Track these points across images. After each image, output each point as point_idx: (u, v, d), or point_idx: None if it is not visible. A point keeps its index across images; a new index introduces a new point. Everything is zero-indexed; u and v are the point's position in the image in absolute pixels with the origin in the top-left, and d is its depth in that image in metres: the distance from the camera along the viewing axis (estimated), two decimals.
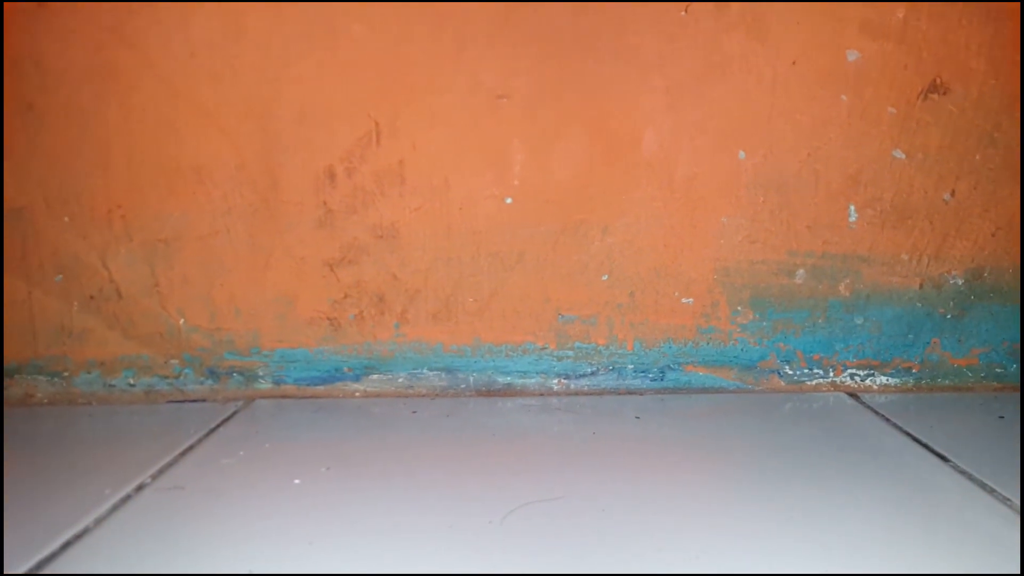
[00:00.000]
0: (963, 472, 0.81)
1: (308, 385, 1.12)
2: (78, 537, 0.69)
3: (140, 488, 0.79)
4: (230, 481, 0.81)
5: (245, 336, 1.10)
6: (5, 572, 0.64)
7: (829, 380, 1.11)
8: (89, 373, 1.11)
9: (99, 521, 0.72)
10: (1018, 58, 1.02)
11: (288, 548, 0.66)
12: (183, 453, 0.89)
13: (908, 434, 0.92)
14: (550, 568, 0.63)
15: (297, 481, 0.80)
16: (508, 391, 1.11)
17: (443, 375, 1.11)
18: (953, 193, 1.06)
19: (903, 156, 1.05)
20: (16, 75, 1.04)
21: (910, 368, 1.10)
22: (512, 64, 1.04)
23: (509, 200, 1.08)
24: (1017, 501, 0.74)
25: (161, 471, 0.84)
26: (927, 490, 0.77)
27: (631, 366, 1.11)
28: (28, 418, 1.05)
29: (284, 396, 1.11)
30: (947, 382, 1.10)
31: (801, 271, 1.08)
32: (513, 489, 0.79)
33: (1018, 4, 1.00)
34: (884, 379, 1.10)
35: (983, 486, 0.77)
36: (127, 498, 0.77)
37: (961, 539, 0.67)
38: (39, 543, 0.68)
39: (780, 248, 1.07)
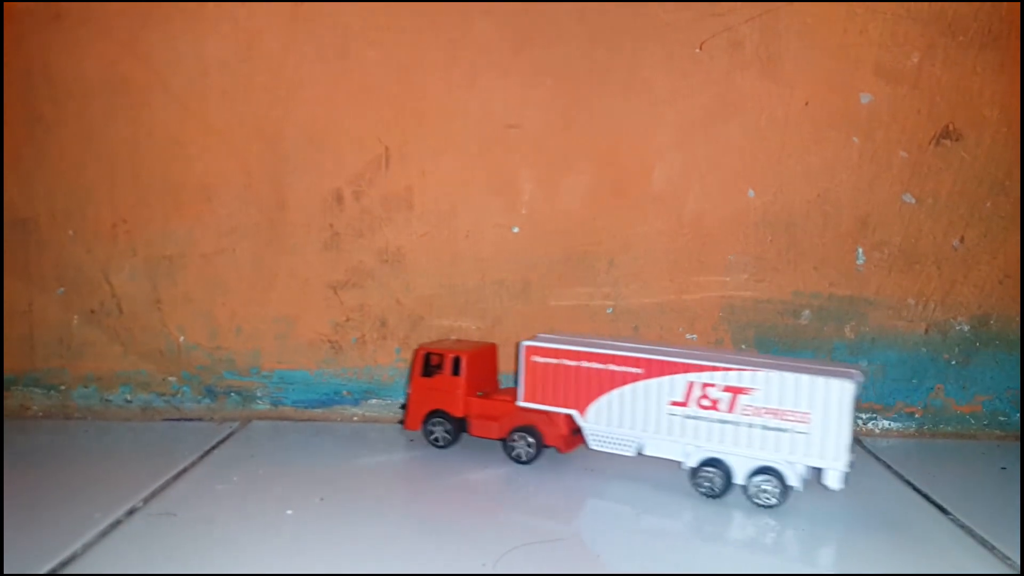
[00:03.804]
0: (963, 526, 0.80)
1: (306, 407, 1.11)
2: (64, 564, 0.68)
3: (131, 513, 0.78)
4: (223, 509, 0.80)
5: (245, 356, 1.09)
6: (5, 573, 0.64)
7: None
8: (86, 387, 1.10)
9: (87, 547, 0.71)
10: None
11: None
12: (177, 476, 0.88)
13: (909, 483, 0.91)
14: None
15: (290, 512, 0.79)
16: None
17: None
18: (962, 240, 1.05)
19: (913, 201, 1.05)
20: (27, 86, 1.04)
21: (913, 413, 1.09)
22: (524, 94, 1.04)
23: (516, 229, 1.07)
24: (1017, 559, 0.73)
25: (153, 494, 0.83)
26: (925, 543, 0.76)
27: None
28: (23, 431, 1.04)
29: (282, 418, 1.10)
30: (950, 429, 1.09)
31: (807, 312, 1.07)
32: (509, 528, 0.77)
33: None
34: (887, 423, 1.10)
35: (983, 542, 0.76)
36: (117, 523, 0.76)
37: None
38: (25, 569, 0.67)
39: (786, 288, 1.06)
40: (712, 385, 0.83)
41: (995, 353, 1.08)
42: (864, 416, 1.09)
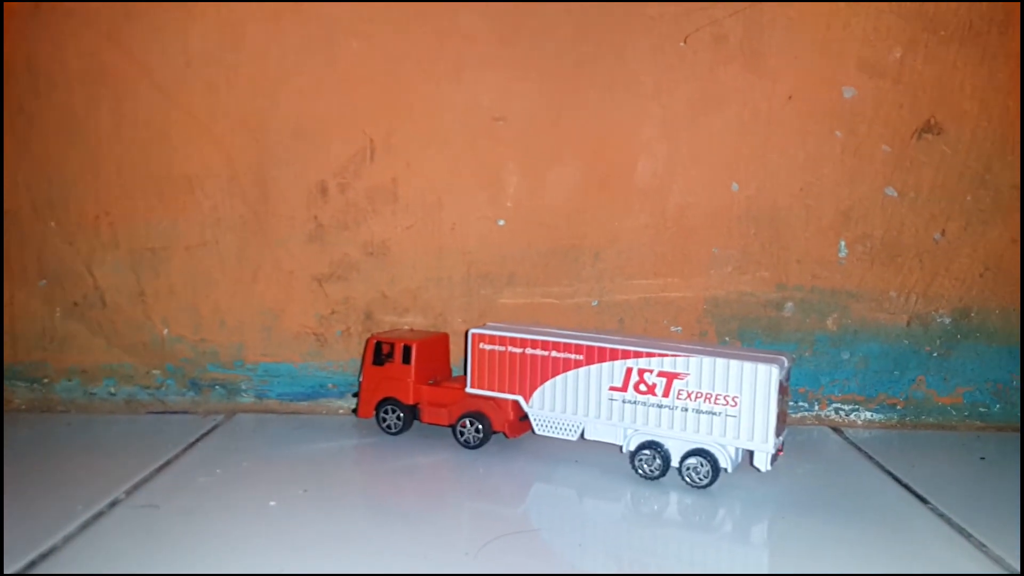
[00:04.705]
0: (941, 515, 0.81)
1: (291, 400, 1.11)
2: (44, 556, 0.68)
3: (113, 504, 0.78)
4: (205, 501, 0.80)
5: (229, 348, 1.09)
6: (5, 573, 0.64)
7: (814, 414, 1.11)
8: (70, 380, 1.10)
9: (68, 539, 0.71)
10: (1011, 102, 1.03)
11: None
12: (160, 468, 0.88)
13: (889, 473, 0.92)
14: None
15: (273, 503, 0.79)
16: None
17: None
18: (943, 233, 1.06)
19: (895, 194, 1.05)
20: (8, 77, 1.03)
21: (895, 404, 1.10)
22: (510, 87, 1.04)
23: (502, 222, 1.07)
24: (995, 548, 0.74)
25: (136, 487, 0.83)
26: (904, 532, 0.77)
27: None
28: (6, 424, 1.03)
29: (266, 411, 1.10)
30: (931, 420, 1.10)
31: (790, 304, 1.08)
32: (490, 518, 0.78)
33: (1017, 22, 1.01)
34: (868, 415, 1.11)
35: (961, 531, 0.77)
36: (99, 515, 0.76)
37: None
38: (6, 561, 0.66)
39: (769, 281, 1.07)
40: (648, 371, 0.85)
41: (976, 345, 1.09)
42: (846, 407, 1.10)
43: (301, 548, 0.70)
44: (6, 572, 0.65)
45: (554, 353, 0.90)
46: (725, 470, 0.84)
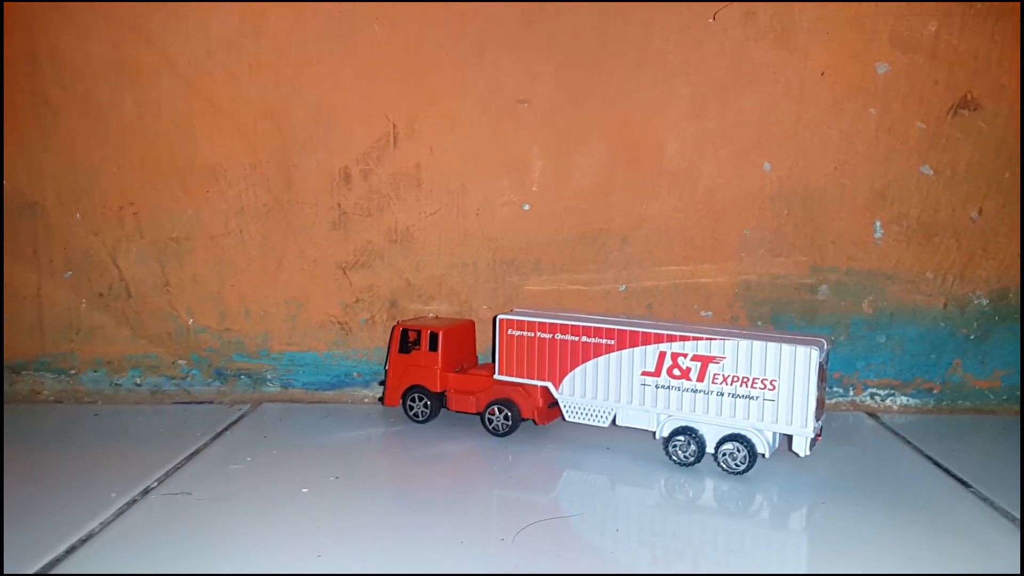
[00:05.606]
0: (985, 499, 0.79)
1: (317, 390, 1.10)
2: (83, 541, 0.68)
3: (146, 492, 0.78)
4: (237, 488, 0.79)
5: (254, 338, 1.09)
6: (6, 573, 0.63)
7: (849, 399, 1.08)
8: (96, 371, 1.10)
9: (105, 525, 0.71)
10: None
11: (296, 561, 0.65)
12: (189, 457, 0.88)
13: (929, 457, 0.90)
14: None
15: (305, 490, 0.79)
16: None
17: None
18: (980, 212, 1.03)
19: (931, 172, 1.03)
20: (33, 70, 1.03)
21: (931, 389, 1.08)
22: (534, 68, 1.03)
23: (527, 207, 1.06)
24: None
25: (167, 475, 0.83)
26: (949, 517, 0.75)
27: None
28: (34, 415, 1.04)
29: (292, 400, 1.10)
30: (968, 404, 1.08)
31: (824, 287, 1.05)
32: (525, 504, 0.77)
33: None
34: (905, 399, 1.08)
35: (1006, 515, 0.75)
36: (133, 502, 0.76)
37: (985, 569, 0.65)
38: (44, 546, 0.67)
39: (803, 263, 1.05)
40: (682, 355, 0.83)
41: (1014, 327, 1.06)
42: (882, 392, 1.08)
43: (338, 534, 0.69)
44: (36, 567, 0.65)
45: (584, 338, 0.88)
46: (763, 455, 0.82)
